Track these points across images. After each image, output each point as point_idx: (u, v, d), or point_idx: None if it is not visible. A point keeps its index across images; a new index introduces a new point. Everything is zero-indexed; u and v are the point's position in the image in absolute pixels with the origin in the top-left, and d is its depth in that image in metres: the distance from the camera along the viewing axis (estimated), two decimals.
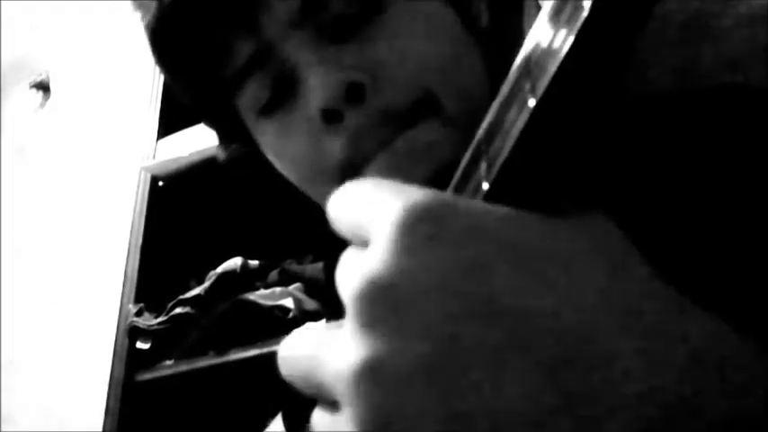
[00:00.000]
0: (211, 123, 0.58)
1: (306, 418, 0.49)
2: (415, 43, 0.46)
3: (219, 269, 1.37)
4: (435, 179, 0.44)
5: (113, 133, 2.09)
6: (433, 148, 0.45)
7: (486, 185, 0.24)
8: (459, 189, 0.27)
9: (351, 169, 0.46)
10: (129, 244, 1.51)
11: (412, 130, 0.45)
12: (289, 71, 0.46)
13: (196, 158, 1.48)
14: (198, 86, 0.52)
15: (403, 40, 0.45)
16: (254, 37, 0.46)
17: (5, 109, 2.49)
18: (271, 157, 0.52)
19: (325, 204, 0.50)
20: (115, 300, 1.48)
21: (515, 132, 0.22)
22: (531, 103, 0.22)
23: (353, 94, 0.44)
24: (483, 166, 0.24)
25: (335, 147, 0.46)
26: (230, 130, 0.55)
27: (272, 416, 0.62)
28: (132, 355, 1.38)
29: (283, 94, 0.47)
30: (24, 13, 2.46)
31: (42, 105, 2.41)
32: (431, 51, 0.46)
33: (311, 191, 0.51)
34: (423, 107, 0.45)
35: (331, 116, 0.44)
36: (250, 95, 0.48)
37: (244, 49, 0.47)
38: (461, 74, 0.47)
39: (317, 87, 0.44)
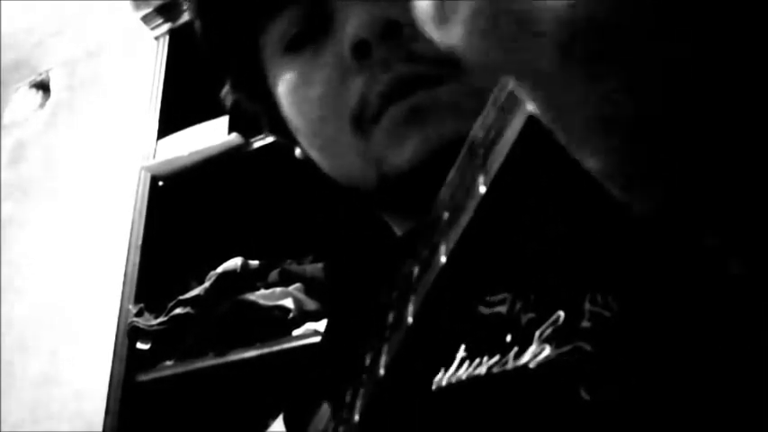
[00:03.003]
0: (231, 66, 0.57)
1: (307, 419, 0.49)
2: None
3: (219, 269, 1.37)
4: (453, 145, 0.43)
5: (113, 133, 2.09)
6: (454, 111, 0.44)
7: (483, 189, 0.24)
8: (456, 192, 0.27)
9: (363, 118, 0.46)
10: (129, 244, 1.51)
11: (434, 88, 0.45)
12: (325, 5, 0.47)
13: (196, 158, 1.48)
14: (230, 19, 0.52)
15: None
16: None
17: (5, 109, 2.49)
18: (287, 99, 0.51)
19: (329, 156, 0.51)
20: (115, 300, 1.48)
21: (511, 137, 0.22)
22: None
23: (389, 31, 0.44)
24: (480, 179, 0.24)
25: (356, 85, 0.46)
26: (247, 74, 0.54)
27: (272, 416, 0.62)
28: (132, 355, 1.38)
29: (315, 30, 0.48)
30: (24, 13, 2.46)
31: (42, 105, 2.41)
32: None
33: (321, 138, 0.50)
34: (449, 70, 0.44)
35: (361, 49, 0.44)
36: (280, 27, 0.49)
37: None
38: None
39: (356, 17, 0.45)
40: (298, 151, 0.57)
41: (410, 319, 0.28)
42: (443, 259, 0.25)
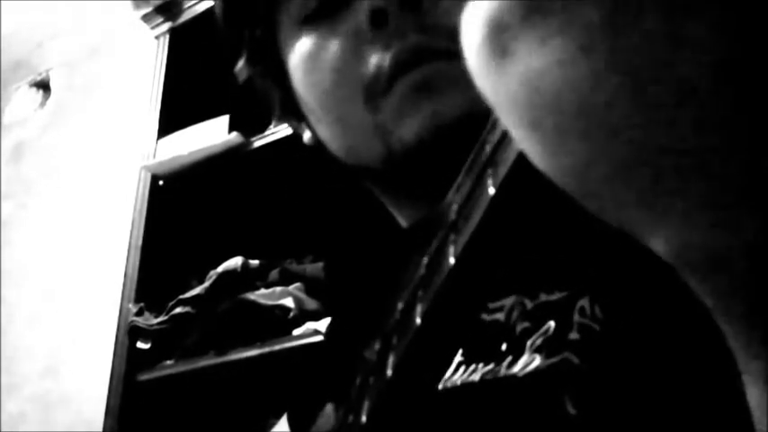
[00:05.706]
0: (247, 38, 0.57)
1: (311, 419, 0.49)
2: None
3: (220, 268, 1.37)
4: (461, 123, 0.43)
5: (114, 132, 2.09)
6: (466, 87, 0.44)
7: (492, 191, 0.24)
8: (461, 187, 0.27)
9: (375, 88, 0.46)
10: (129, 244, 1.51)
11: (448, 62, 0.44)
12: None
13: (196, 158, 1.48)
14: None
15: None
16: None
17: (5, 109, 2.49)
18: (301, 69, 0.51)
19: (338, 130, 0.51)
20: (115, 300, 1.48)
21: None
22: None
23: (407, 1, 0.44)
24: (490, 180, 0.24)
25: (371, 55, 0.46)
26: (264, 47, 0.55)
27: (273, 416, 0.62)
28: (133, 354, 1.38)
29: (333, 4, 0.48)
30: (24, 13, 2.46)
31: (42, 105, 2.41)
32: None
33: (331, 111, 0.50)
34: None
35: (378, 17, 0.45)
36: (298, 2, 0.49)
37: None
38: None
39: None
40: (307, 136, 0.56)
41: (418, 320, 0.28)
42: (452, 261, 0.25)
